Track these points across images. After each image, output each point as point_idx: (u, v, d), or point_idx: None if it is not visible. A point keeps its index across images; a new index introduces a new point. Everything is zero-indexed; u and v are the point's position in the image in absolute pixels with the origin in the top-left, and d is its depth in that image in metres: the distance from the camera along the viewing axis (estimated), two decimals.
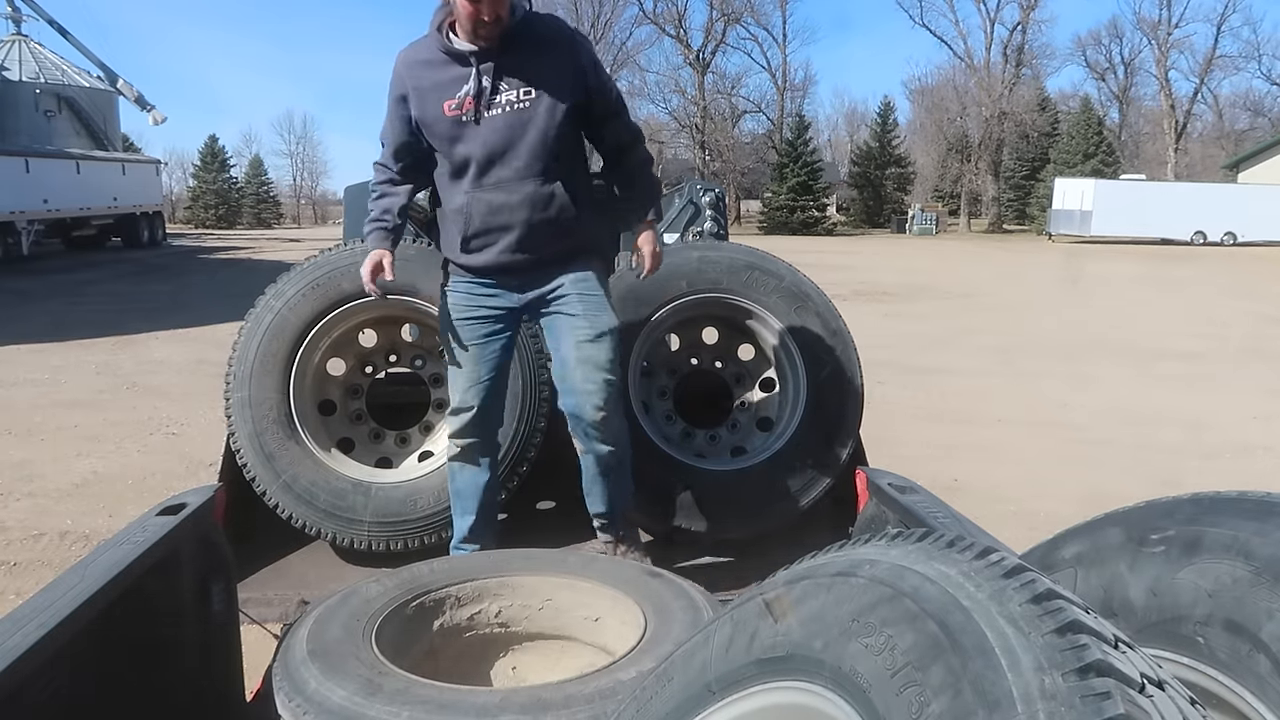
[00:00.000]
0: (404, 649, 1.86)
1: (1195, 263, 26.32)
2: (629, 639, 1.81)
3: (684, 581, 2.05)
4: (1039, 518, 4.78)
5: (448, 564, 2.24)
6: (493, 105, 2.50)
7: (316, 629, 1.85)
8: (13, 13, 28.64)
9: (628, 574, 2.12)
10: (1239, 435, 7.07)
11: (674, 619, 1.84)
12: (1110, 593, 1.38)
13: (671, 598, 1.95)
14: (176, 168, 62.04)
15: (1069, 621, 0.84)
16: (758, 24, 53.43)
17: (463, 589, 2.04)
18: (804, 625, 1.08)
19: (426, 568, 2.15)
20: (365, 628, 1.84)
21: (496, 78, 2.50)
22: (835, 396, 3.00)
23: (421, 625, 1.97)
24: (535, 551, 2.31)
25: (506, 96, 2.50)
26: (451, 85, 2.50)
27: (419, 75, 2.54)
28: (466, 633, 2.03)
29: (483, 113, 2.50)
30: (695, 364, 3.33)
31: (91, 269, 21.03)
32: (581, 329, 2.59)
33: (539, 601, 2.05)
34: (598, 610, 2.01)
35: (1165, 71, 52.06)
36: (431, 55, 2.53)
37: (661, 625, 1.83)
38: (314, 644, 1.77)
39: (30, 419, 7.36)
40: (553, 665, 2.02)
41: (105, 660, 1.81)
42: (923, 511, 2.44)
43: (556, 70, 2.53)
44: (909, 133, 57.24)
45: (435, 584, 2.04)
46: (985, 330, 12.75)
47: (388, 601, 1.94)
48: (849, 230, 49.75)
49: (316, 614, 1.92)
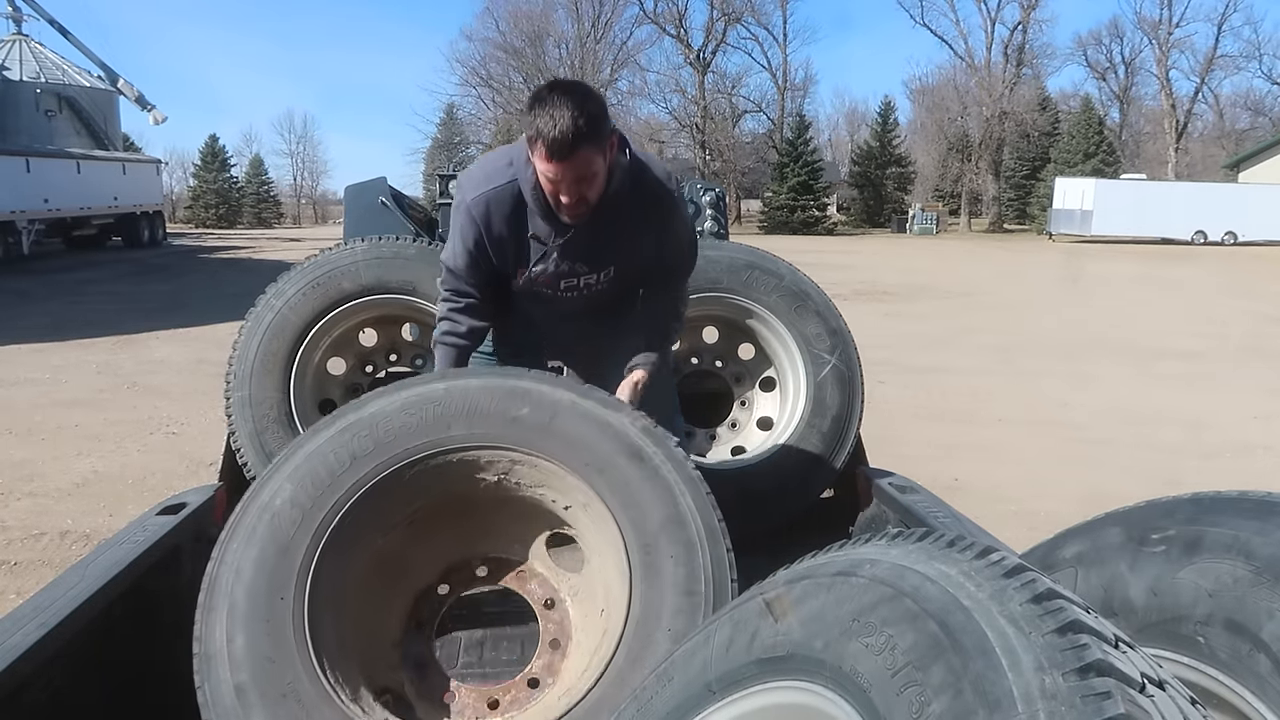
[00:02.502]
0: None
1: (1196, 262, 26.31)
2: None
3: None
4: (1039, 517, 4.78)
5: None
6: (569, 288, 2.26)
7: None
8: (13, 12, 28.64)
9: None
10: (1239, 435, 7.07)
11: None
12: (1111, 592, 1.38)
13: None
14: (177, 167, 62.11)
15: (1069, 621, 0.84)
16: (758, 23, 53.45)
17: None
18: (804, 625, 1.08)
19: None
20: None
21: (577, 257, 2.19)
22: (835, 396, 3.00)
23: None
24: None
25: (585, 280, 2.24)
26: (527, 250, 2.20)
27: (497, 231, 2.17)
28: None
29: (558, 293, 2.27)
30: (695, 363, 3.33)
31: (92, 268, 21.03)
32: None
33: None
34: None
35: (1166, 71, 52.07)
36: (512, 208, 2.14)
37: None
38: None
39: (30, 418, 7.36)
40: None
41: (105, 660, 1.81)
42: (923, 511, 2.44)
43: (644, 245, 2.23)
44: (909, 132, 57.23)
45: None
46: (985, 330, 12.75)
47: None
48: (849, 230, 49.74)
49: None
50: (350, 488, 1.80)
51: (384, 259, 2.98)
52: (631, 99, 54.04)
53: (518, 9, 49.30)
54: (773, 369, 3.20)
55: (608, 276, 2.25)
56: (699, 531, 1.78)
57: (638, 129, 52.37)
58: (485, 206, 2.13)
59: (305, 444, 1.86)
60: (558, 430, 1.85)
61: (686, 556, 1.76)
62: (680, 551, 1.77)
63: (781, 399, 3.17)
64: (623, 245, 2.20)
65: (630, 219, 2.15)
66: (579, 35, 51.00)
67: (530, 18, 49.11)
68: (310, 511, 1.77)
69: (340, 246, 3.03)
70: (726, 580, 1.75)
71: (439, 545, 2.02)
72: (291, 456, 1.85)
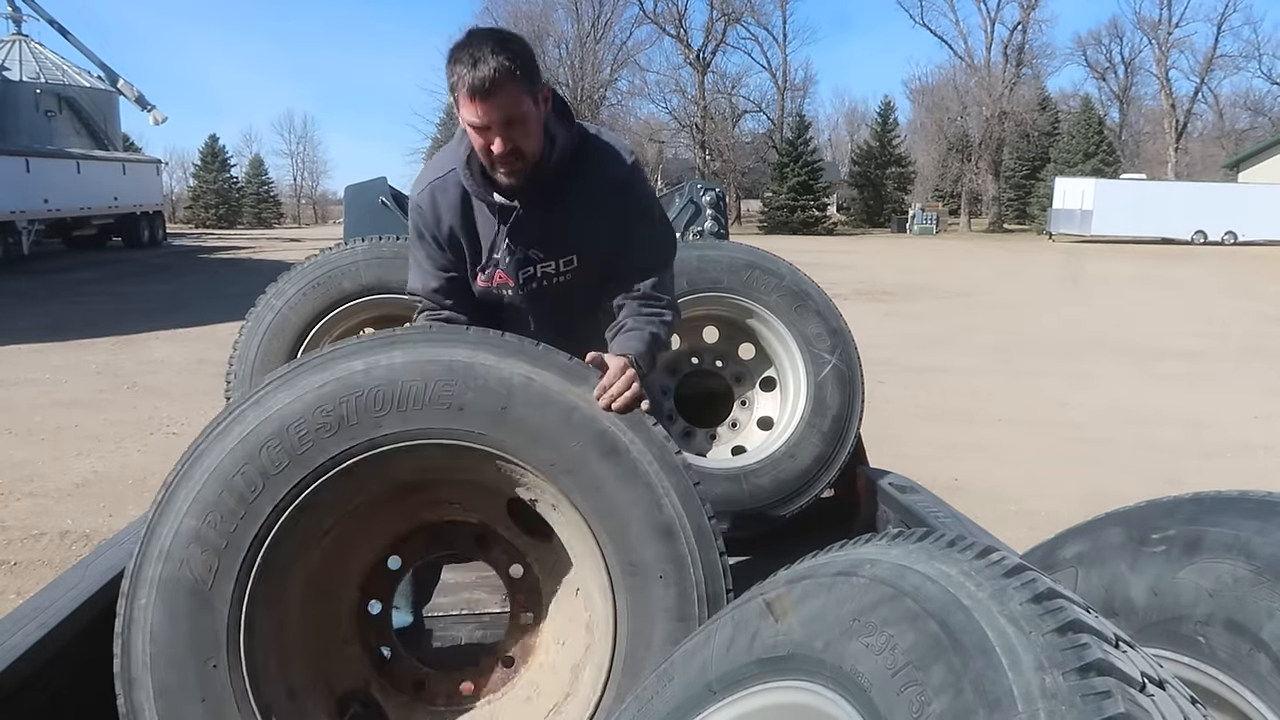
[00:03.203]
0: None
1: (1195, 262, 26.31)
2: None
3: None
4: (1039, 517, 4.78)
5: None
6: (528, 280, 2.08)
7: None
8: (13, 12, 28.64)
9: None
10: (1239, 434, 7.07)
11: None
12: (1111, 592, 1.38)
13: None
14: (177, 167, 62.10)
15: (1069, 621, 0.84)
16: (758, 24, 53.47)
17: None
18: (805, 625, 1.08)
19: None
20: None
21: (531, 242, 2.03)
22: (835, 396, 3.00)
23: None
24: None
25: (544, 269, 2.07)
26: (480, 245, 2.06)
27: (447, 223, 2.04)
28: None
29: (518, 289, 2.09)
30: (696, 363, 3.33)
31: (92, 269, 21.03)
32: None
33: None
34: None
35: (1165, 71, 52.08)
36: (457, 198, 2.02)
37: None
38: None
39: (30, 419, 7.36)
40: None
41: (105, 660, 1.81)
42: (923, 511, 2.44)
43: (606, 225, 2.03)
44: (909, 132, 57.23)
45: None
46: (985, 329, 12.75)
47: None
48: (849, 230, 49.75)
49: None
50: (269, 515, 1.52)
51: (384, 259, 2.98)
52: (631, 99, 54.13)
53: (518, 9, 49.29)
54: (773, 369, 3.20)
55: (570, 266, 2.07)
56: (689, 541, 1.59)
57: (638, 129, 52.40)
58: (431, 196, 2.03)
59: (201, 460, 1.54)
60: (513, 420, 1.58)
61: (678, 575, 1.57)
62: (671, 570, 1.58)
63: (782, 399, 3.17)
64: (580, 228, 2.03)
65: (583, 196, 2.00)
66: (579, 35, 51.01)
67: (530, 18, 49.08)
68: (226, 552, 1.50)
69: (340, 246, 3.03)
70: (722, 594, 1.60)
71: (384, 521, 1.79)
72: (187, 477, 1.53)
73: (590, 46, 50.82)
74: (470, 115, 1.80)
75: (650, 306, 2.07)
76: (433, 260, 2.08)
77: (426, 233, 2.07)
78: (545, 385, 1.62)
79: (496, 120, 1.80)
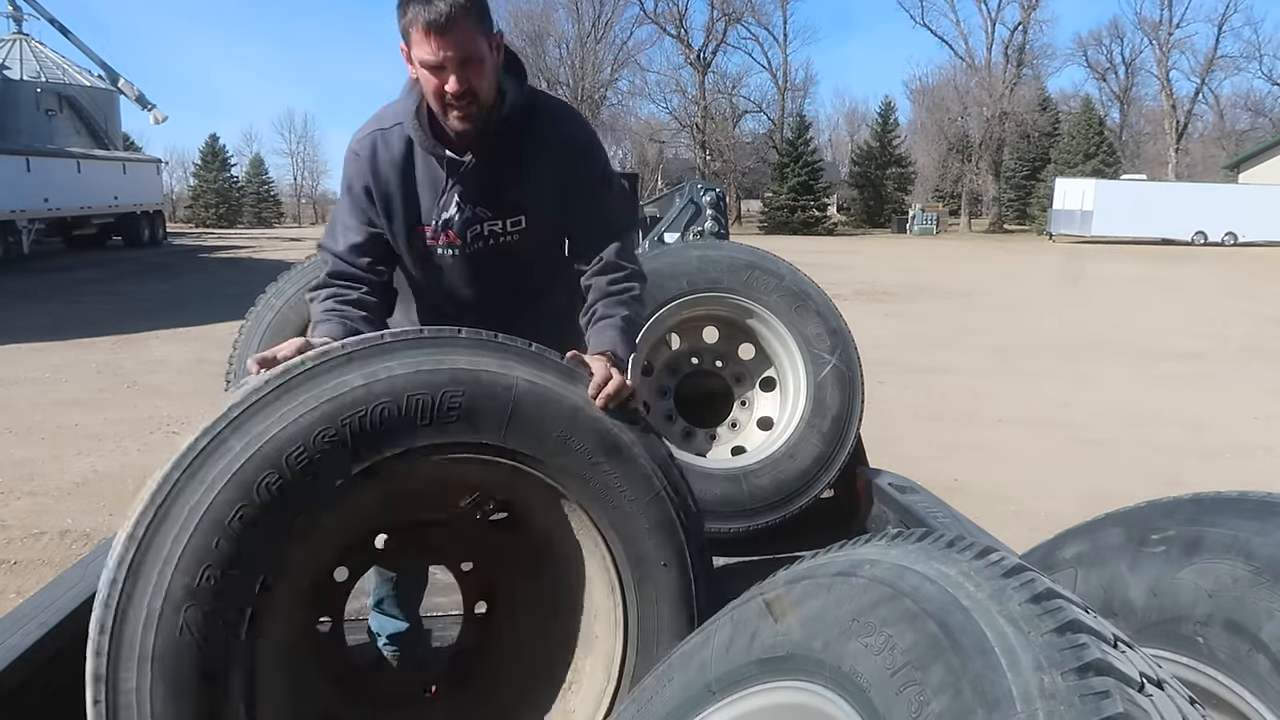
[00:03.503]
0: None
1: (1196, 263, 26.30)
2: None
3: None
4: (1039, 518, 4.78)
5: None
6: (475, 239, 1.97)
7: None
8: (14, 12, 28.64)
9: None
10: (1239, 435, 7.07)
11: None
12: (1110, 593, 1.38)
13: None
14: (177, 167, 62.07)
15: (1068, 621, 0.84)
16: (758, 24, 53.50)
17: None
18: (804, 625, 1.08)
19: None
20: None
21: (479, 199, 1.94)
22: (835, 396, 3.00)
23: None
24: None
25: (490, 228, 1.97)
26: (425, 200, 1.95)
27: (385, 176, 1.94)
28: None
29: (464, 249, 1.98)
30: (696, 363, 3.33)
31: (92, 268, 21.02)
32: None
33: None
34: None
35: (1166, 72, 52.09)
36: (401, 153, 1.93)
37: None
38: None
39: (31, 418, 7.36)
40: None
41: None
42: (923, 511, 2.45)
43: (556, 187, 1.98)
44: (910, 133, 57.23)
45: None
46: (985, 330, 12.75)
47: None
48: (849, 230, 49.75)
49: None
50: (270, 559, 1.37)
51: None
52: (631, 99, 54.17)
53: (518, 9, 49.27)
54: (773, 369, 3.20)
55: (517, 227, 1.98)
56: (684, 531, 1.64)
57: (638, 129, 52.46)
58: (372, 145, 1.92)
59: (179, 500, 1.32)
60: (519, 426, 1.53)
61: (679, 565, 1.63)
62: (673, 559, 1.62)
63: (781, 399, 3.17)
64: (530, 187, 1.96)
65: (533, 154, 1.95)
66: (579, 35, 51.02)
67: (530, 18, 49.14)
68: (228, 609, 1.32)
69: None
70: (713, 580, 1.66)
71: (328, 534, 1.62)
72: (168, 523, 1.31)
73: (590, 46, 50.84)
74: (425, 53, 1.75)
75: (618, 282, 1.99)
76: (359, 215, 1.96)
77: (359, 183, 1.94)
78: (548, 389, 1.58)
79: (453, 59, 1.75)
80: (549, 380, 1.60)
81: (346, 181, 1.96)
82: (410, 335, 1.57)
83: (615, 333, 1.91)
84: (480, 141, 1.89)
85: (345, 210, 1.97)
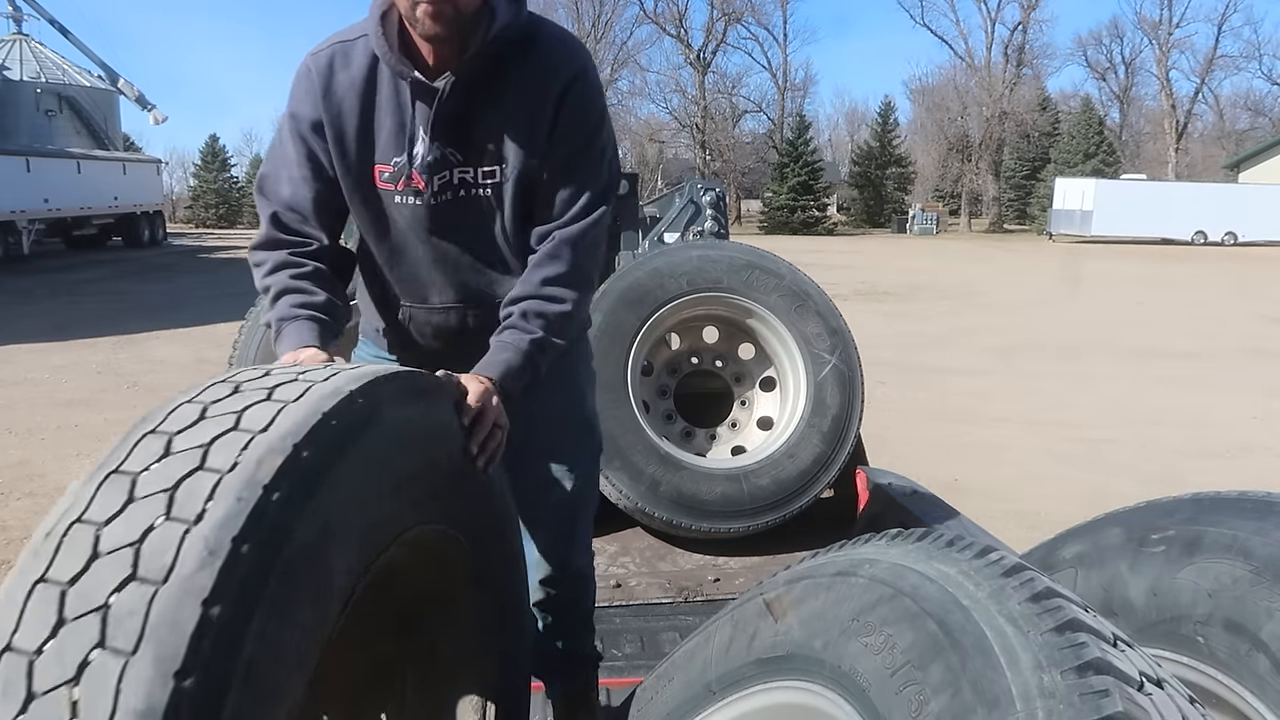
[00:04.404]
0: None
1: (1195, 263, 26.31)
2: None
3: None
4: (1039, 517, 4.78)
5: None
6: (443, 187, 1.60)
7: None
8: (13, 12, 28.65)
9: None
10: (1239, 435, 7.07)
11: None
12: (1110, 592, 1.38)
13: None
14: (177, 167, 62.06)
15: (1068, 620, 0.84)
16: (758, 23, 53.47)
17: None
18: (804, 625, 1.08)
19: None
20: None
21: (452, 139, 1.57)
22: (835, 396, 3.00)
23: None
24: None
25: (460, 174, 1.60)
26: (386, 133, 1.58)
27: (341, 100, 1.57)
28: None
29: (430, 196, 1.60)
30: (695, 363, 3.33)
31: (92, 268, 21.03)
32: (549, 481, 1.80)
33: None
34: None
35: (1166, 71, 52.06)
36: (363, 72, 1.56)
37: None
38: None
39: (31, 419, 7.36)
40: None
41: None
42: (922, 510, 2.45)
43: (545, 137, 1.59)
44: (909, 132, 57.23)
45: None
46: (985, 330, 12.75)
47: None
48: (849, 230, 49.75)
49: None
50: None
51: None
52: (631, 99, 54.14)
53: None
54: (773, 369, 3.20)
55: (490, 179, 1.60)
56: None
57: (638, 129, 52.44)
58: (328, 61, 1.57)
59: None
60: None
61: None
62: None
63: (781, 399, 3.18)
64: (514, 133, 1.58)
65: (523, 90, 1.57)
66: (579, 35, 51.03)
67: None
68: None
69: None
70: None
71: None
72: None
73: (590, 46, 50.77)
74: None
75: (553, 283, 1.59)
76: (308, 154, 1.58)
77: (308, 111, 1.57)
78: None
79: None
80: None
81: (293, 108, 1.59)
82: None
83: (514, 355, 1.52)
84: (459, 68, 1.52)
85: (291, 147, 1.59)
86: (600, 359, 2.88)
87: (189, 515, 0.84)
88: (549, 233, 1.62)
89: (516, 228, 1.65)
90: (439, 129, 1.56)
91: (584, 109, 1.61)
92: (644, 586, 2.72)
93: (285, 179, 1.60)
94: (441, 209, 1.62)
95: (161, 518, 0.84)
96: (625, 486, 2.81)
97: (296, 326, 1.49)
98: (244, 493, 0.86)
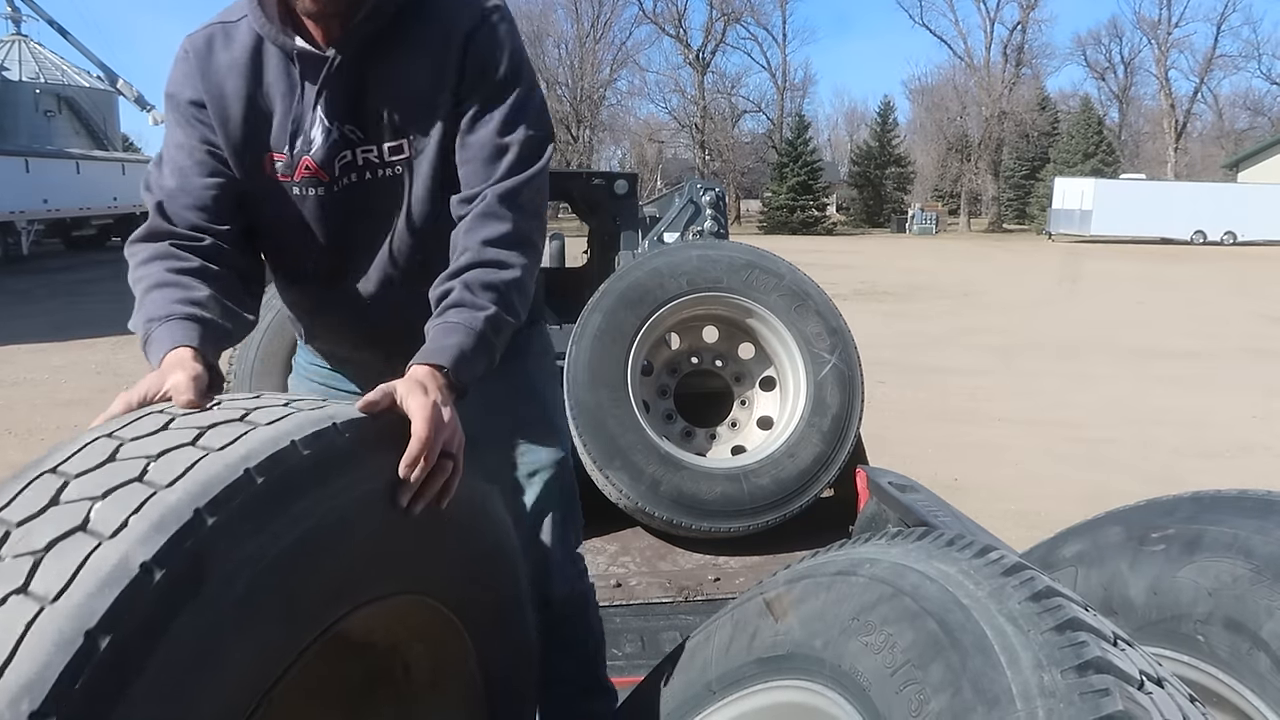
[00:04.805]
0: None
1: (1195, 262, 26.32)
2: None
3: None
4: (1039, 517, 4.78)
5: None
6: (345, 170, 1.42)
7: None
8: (12, 13, 28.67)
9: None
10: (1239, 434, 7.07)
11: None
12: (1111, 591, 1.38)
13: None
14: None
15: (1068, 619, 0.84)
16: (758, 24, 53.47)
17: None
18: (804, 624, 1.08)
19: None
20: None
21: (349, 115, 1.40)
22: (835, 396, 3.00)
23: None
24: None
25: (364, 153, 1.42)
26: (278, 117, 1.40)
27: (222, 83, 1.40)
28: None
29: (331, 183, 1.42)
30: (696, 363, 3.33)
31: (92, 269, 21.01)
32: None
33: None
34: None
35: (1165, 71, 52.07)
36: (246, 52, 1.40)
37: None
38: None
39: (30, 419, 7.36)
40: None
41: None
42: (923, 510, 2.45)
43: (452, 100, 1.41)
44: (909, 132, 57.26)
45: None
46: (985, 329, 12.75)
47: None
48: (849, 230, 49.74)
49: None
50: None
51: None
52: (630, 99, 54.21)
53: (517, 9, 48.97)
54: (773, 368, 3.20)
55: (398, 156, 1.42)
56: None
57: (637, 129, 52.49)
58: (206, 41, 1.40)
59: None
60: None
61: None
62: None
63: (781, 398, 3.18)
64: (417, 101, 1.40)
65: (422, 52, 1.40)
66: (578, 35, 51.03)
67: (529, 17, 49.07)
68: None
69: None
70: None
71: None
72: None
73: (590, 46, 50.85)
74: None
75: (495, 245, 1.36)
76: (193, 136, 1.40)
77: (186, 94, 1.40)
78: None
79: None
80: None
81: (171, 89, 1.42)
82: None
83: (466, 337, 1.26)
84: (349, 35, 1.36)
85: (179, 132, 1.41)
86: (600, 359, 2.89)
87: (49, 592, 0.75)
88: (479, 193, 1.39)
89: (438, 209, 1.44)
90: (333, 105, 1.39)
91: (493, 49, 1.41)
92: (644, 586, 2.72)
93: (172, 168, 1.40)
94: (347, 195, 1.43)
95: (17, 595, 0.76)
96: (625, 486, 2.81)
97: (169, 328, 1.21)
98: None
